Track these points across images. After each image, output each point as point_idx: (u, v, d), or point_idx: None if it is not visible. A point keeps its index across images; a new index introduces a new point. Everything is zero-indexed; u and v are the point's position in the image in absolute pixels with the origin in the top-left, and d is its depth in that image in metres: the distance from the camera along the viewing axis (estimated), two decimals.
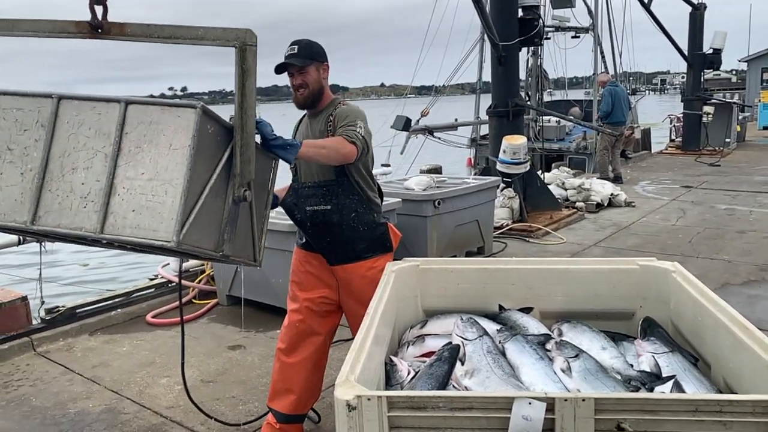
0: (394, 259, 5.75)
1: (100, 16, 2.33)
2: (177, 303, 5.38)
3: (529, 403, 1.69)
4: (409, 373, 2.54)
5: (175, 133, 2.24)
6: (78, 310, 4.89)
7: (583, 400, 1.67)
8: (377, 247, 3.11)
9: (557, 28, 14.77)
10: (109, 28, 2.40)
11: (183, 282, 5.61)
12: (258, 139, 2.47)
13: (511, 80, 8.71)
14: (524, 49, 10.62)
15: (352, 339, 2.22)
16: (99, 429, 3.43)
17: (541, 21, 8.37)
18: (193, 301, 5.49)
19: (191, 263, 5.97)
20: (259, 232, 2.61)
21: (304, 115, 3.13)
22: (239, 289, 5.25)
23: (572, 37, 15.62)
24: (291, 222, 4.70)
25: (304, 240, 3.18)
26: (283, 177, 3.09)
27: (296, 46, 2.93)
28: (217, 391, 3.82)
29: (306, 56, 2.92)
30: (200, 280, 5.67)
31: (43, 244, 5.45)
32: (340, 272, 3.10)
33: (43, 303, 5.05)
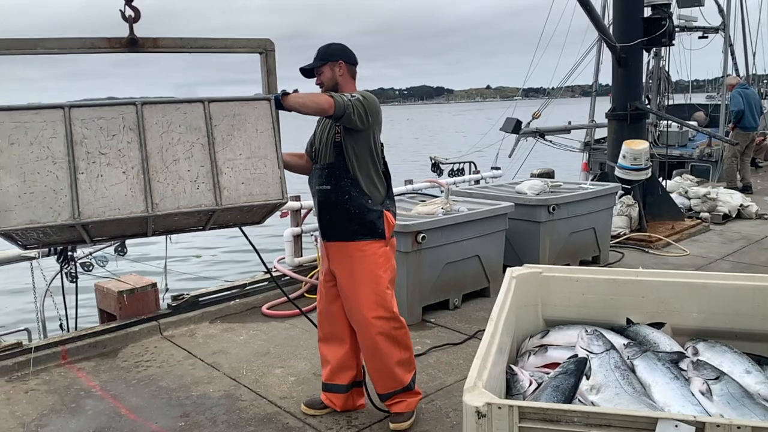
0: (506, 266, 5.64)
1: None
2: (294, 294, 5.56)
3: (676, 426, 1.57)
4: (530, 384, 2.46)
5: (257, 120, 2.81)
6: (200, 299, 5.15)
7: (738, 428, 1.53)
8: (367, 232, 3.20)
9: (683, 28, 13.90)
10: (144, 42, 2.83)
11: (296, 277, 5.77)
12: None
13: (632, 82, 8.31)
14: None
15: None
16: (219, 413, 3.58)
17: (669, 21, 7.89)
18: (305, 295, 5.64)
19: (304, 258, 6.14)
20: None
21: None
22: None
23: (699, 38, 14.66)
24: (402, 222, 4.76)
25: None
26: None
27: (317, 51, 3.27)
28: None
29: (320, 58, 3.24)
30: (312, 275, 5.81)
31: (169, 236, 5.81)
32: (331, 248, 3.31)
33: (167, 290, 5.37)
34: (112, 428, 3.43)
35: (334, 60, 3.23)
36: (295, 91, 3.01)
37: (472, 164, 10.29)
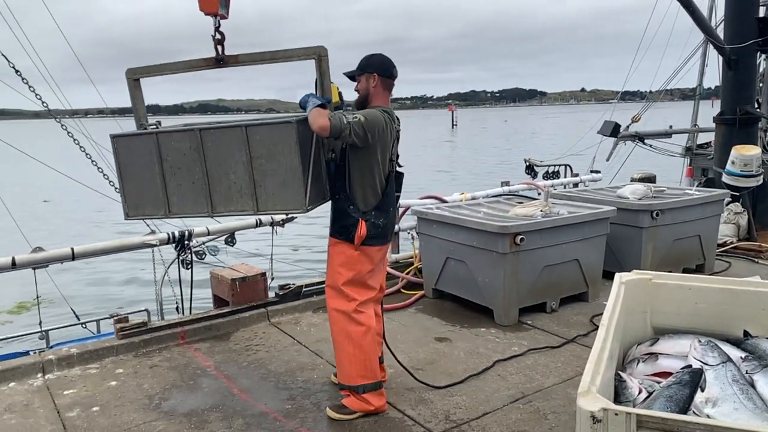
0: (606, 272, 5.52)
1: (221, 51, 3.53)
2: (388, 290, 5.71)
3: None
4: (640, 392, 2.46)
5: (284, 140, 3.29)
6: (305, 289, 5.39)
7: None
8: (342, 233, 3.49)
9: None
10: (229, 59, 3.56)
11: (393, 272, 5.92)
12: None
13: (743, 85, 7.94)
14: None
15: None
16: (323, 399, 3.75)
17: None
18: (402, 290, 5.78)
19: (401, 255, 6.30)
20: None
21: None
22: (445, 284, 5.43)
23: None
24: (501, 224, 4.79)
25: None
26: None
27: (361, 60, 3.53)
28: (426, 379, 3.96)
29: (359, 67, 3.52)
30: (408, 272, 5.95)
31: (275, 229, 6.12)
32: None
33: (272, 279, 5.65)
34: (225, 406, 3.68)
35: (369, 72, 3.49)
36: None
37: (567, 167, 10.10)
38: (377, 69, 3.50)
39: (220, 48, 3.57)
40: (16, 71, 6.61)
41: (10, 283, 9.52)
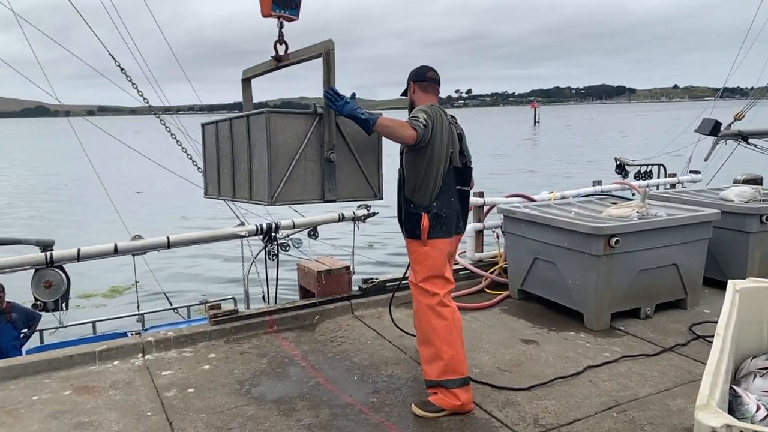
0: (706, 279, 5.20)
1: (281, 52, 3.90)
2: (471, 289, 5.63)
3: None
4: (758, 409, 2.30)
5: (262, 132, 3.42)
6: (387, 284, 5.38)
7: None
8: (410, 232, 3.57)
9: None
10: (283, 58, 3.89)
11: (476, 271, 5.83)
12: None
13: None
14: None
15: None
16: (407, 395, 3.73)
17: None
18: (485, 290, 5.68)
19: (485, 254, 6.20)
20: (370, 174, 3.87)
21: None
22: (532, 285, 5.29)
23: None
24: (594, 224, 4.61)
25: None
26: None
27: None
28: (513, 381, 3.88)
29: (408, 80, 3.75)
30: (493, 271, 5.84)
31: (357, 224, 6.16)
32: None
33: (353, 273, 5.69)
34: (312, 395, 3.72)
35: (408, 82, 3.74)
36: (353, 96, 3.51)
37: (661, 167, 9.62)
38: (411, 78, 3.73)
39: (280, 47, 3.86)
40: (122, 69, 6.97)
41: (103, 269, 10.10)
